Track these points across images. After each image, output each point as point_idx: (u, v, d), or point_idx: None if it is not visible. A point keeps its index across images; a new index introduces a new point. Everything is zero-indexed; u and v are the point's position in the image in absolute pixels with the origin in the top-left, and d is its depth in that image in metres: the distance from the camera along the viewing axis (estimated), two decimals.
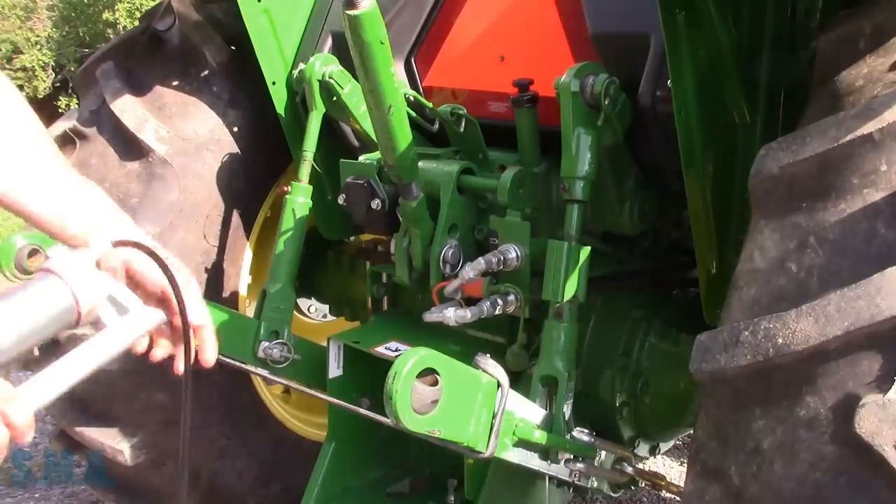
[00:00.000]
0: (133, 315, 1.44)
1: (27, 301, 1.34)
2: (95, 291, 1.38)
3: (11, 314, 1.32)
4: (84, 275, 1.37)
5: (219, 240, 2.94)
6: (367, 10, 1.78)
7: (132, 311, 1.44)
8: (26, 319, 1.32)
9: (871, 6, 1.59)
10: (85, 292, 1.36)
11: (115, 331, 1.41)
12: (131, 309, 1.44)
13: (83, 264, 1.39)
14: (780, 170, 1.43)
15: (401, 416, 1.71)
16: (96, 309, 1.39)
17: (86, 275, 1.38)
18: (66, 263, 1.37)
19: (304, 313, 3.83)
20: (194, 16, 3.01)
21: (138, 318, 1.44)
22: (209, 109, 2.94)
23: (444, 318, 2.23)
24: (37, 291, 1.35)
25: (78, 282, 1.36)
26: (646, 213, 2.41)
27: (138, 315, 1.44)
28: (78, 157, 2.87)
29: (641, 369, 2.53)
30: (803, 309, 1.28)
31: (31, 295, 1.34)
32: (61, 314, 1.35)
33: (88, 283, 1.37)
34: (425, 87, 2.76)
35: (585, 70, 2.11)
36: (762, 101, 2.07)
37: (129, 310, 1.43)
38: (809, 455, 1.24)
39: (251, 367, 2.59)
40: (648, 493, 3.88)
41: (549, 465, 2.12)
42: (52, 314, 1.34)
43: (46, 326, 1.34)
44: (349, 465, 2.73)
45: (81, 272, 1.37)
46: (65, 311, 1.35)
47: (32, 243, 2.17)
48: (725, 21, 1.92)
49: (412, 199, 2.28)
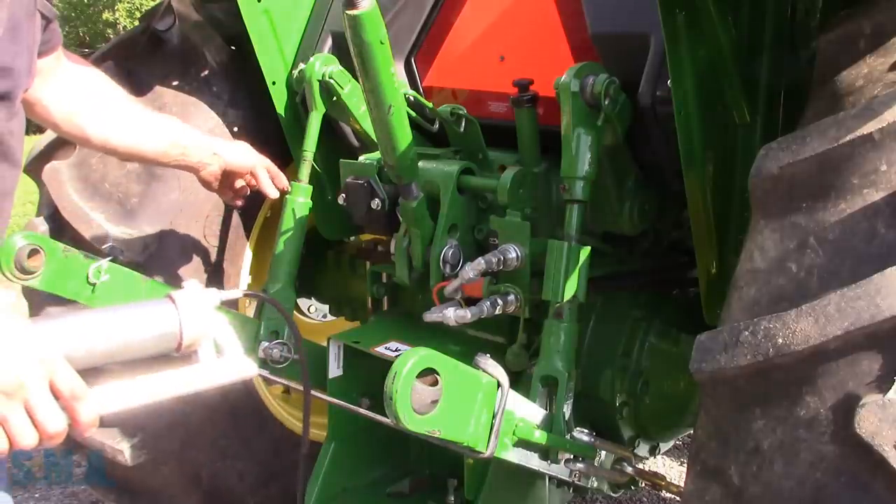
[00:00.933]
0: (228, 361, 1.50)
1: (136, 315, 1.42)
2: (202, 328, 1.46)
3: (117, 322, 1.40)
4: (198, 310, 1.45)
5: (219, 240, 2.94)
6: (367, 10, 1.78)
7: (229, 357, 1.50)
8: (129, 330, 1.40)
9: (871, 6, 1.59)
10: (191, 325, 1.44)
11: (206, 370, 1.48)
12: (229, 354, 1.50)
13: (202, 302, 1.47)
14: (780, 170, 1.43)
15: (401, 416, 1.71)
16: (197, 344, 1.46)
17: (199, 310, 1.46)
18: (187, 296, 1.46)
19: (304, 313, 3.83)
20: (194, 16, 3.01)
21: (232, 366, 1.51)
22: (209, 109, 2.94)
23: (444, 318, 2.23)
24: (148, 310, 1.44)
25: (189, 314, 1.44)
26: (646, 213, 2.41)
27: (234, 362, 1.51)
28: (78, 157, 2.87)
29: (641, 369, 2.53)
30: (803, 309, 1.28)
31: (142, 312, 1.44)
32: (163, 337, 1.43)
33: (198, 318, 1.45)
34: (425, 87, 2.76)
35: (585, 70, 2.11)
36: (762, 101, 2.07)
37: (227, 354, 1.50)
38: (809, 455, 1.24)
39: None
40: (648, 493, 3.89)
41: (549, 465, 2.12)
42: (154, 334, 1.42)
43: (146, 344, 1.42)
44: (349, 465, 2.73)
45: (197, 307, 1.45)
46: (167, 336, 1.43)
47: (32, 243, 2.17)
48: (725, 21, 1.91)
49: (412, 199, 2.28)
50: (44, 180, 2.85)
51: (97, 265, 2.29)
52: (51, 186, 2.80)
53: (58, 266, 2.22)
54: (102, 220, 2.74)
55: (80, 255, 2.28)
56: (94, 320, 1.41)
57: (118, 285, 2.34)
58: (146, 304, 1.46)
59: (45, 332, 1.30)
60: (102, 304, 2.32)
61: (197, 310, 1.44)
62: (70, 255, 2.25)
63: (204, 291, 1.49)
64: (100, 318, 1.42)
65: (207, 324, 1.46)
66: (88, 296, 2.29)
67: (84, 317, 1.43)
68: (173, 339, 1.43)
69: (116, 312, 1.43)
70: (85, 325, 1.38)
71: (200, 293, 1.48)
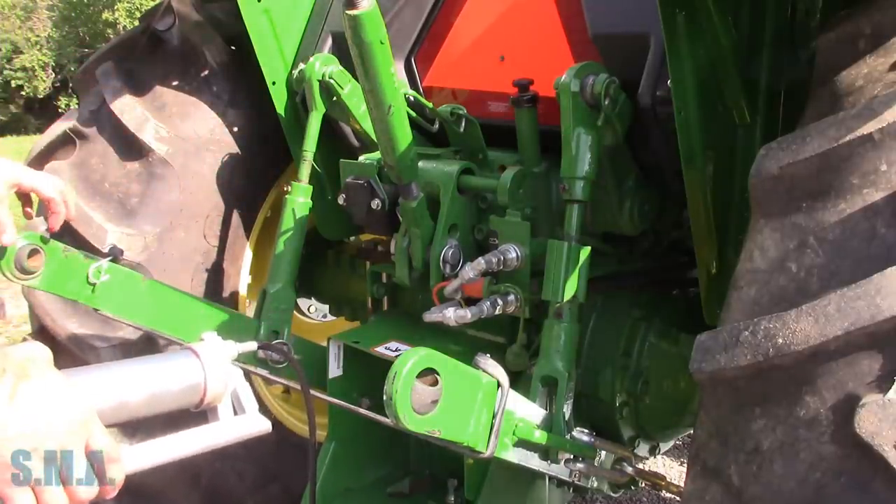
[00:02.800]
0: (246, 418, 1.52)
1: (162, 370, 1.43)
2: (225, 384, 1.48)
3: (145, 376, 1.41)
4: (221, 366, 1.47)
5: (219, 240, 2.95)
6: (367, 10, 1.78)
7: (247, 414, 1.52)
8: (156, 386, 1.40)
9: (871, 6, 1.59)
10: (215, 381, 1.46)
11: (225, 427, 1.50)
12: (247, 411, 1.52)
13: (224, 356, 1.48)
14: (780, 170, 1.43)
15: (401, 416, 1.71)
16: (218, 399, 1.48)
17: (222, 367, 1.47)
18: (211, 351, 1.47)
19: (304, 313, 3.83)
20: (194, 16, 3.01)
21: (248, 423, 1.52)
22: (209, 109, 2.95)
23: (444, 318, 2.23)
24: (174, 365, 1.44)
25: (213, 370, 1.45)
26: (646, 213, 2.41)
27: (250, 419, 1.52)
28: (78, 157, 2.88)
29: (641, 369, 2.53)
30: (803, 309, 1.28)
31: (168, 366, 1.44)
32: (187, 392, 1.44)
33: (222, 374, 1.46)
34: (425, 87, 2.76)
35: (585, 70, 2.11)
36: (762, 101, 2.07)
37: (245, 411, 1.52)
38: (809, 455, 1.24)
39: (251, 367, 2.59)
40: (648, 493, 3.89)
41: (549, 465, 2.12)
42: (179, 389, 1.43)
43: (171, 398, 1.43)
44: (349, 465, 2.73)
45: (220, 362, 1.47)
46: (191, 391, 1.44)
47: (32, 243, 2.17)
48: (725, 21, 1.92)
49: (412, 199, 2.28)
50: None
51: (97, 265, 2.29)
52: None
53: (58, 266, 2.22)
54: (102, 220, 2.75)
55: (80, 255, 2.28)
56: (124, 375, 1.40)
57: (118, 285, 2.34)
58: (171, 358, 1.45)
59: (81, 389, 1.27)
60: (102, 303, 2.33)
61: (219, 364, 1.45)
62: (70, 255, 2.26)
63: (223, 344, 1.49)
64: (128, 373, 1.41)
65: (229, 379, 1.47)
66: (88, 296, 2.29)
67: (114, 371, 1.41)
68: (196, 395, 1.44)
69: (144, 366, 1.42)
70: (115, 379, 1.37)
71: (221, 346, 1.48)
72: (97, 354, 2.72)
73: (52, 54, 15.02)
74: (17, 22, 14.83)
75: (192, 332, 2.51)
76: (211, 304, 2.64)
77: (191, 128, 2.90)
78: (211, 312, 2.59)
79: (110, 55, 3.05)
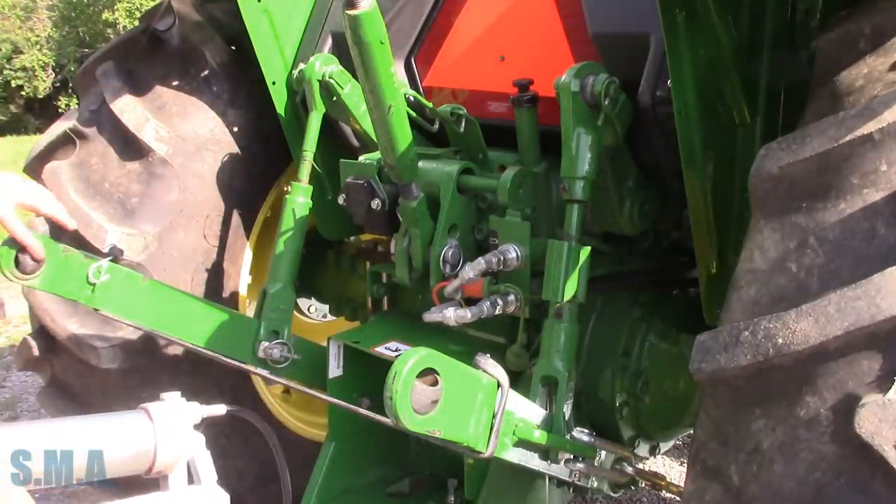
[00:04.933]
0: (201, 490, 1.39)
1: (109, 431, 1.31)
2: (178, 451, 1.35)
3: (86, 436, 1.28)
4: (177, 431, 1.34)
5: (219, 240, 2.94)
6: (367, 10, 1.79)
7: (202, 487, 1.39)
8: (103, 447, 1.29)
9: (871, 6, 1.59)
10: (167, 448, 1.33)
11: (174, 500, 1.37)
12: (203, 483, 1.39)
13: (182, 420, 1.36)
14: (780, 170, 1.43)
15: (401, 416, 1.71)
16: (170, 469, 1.36)
17: (179, 432, 1.34)
18: (167, 413, 1.33)
19: (304, 313, 3.83)
20: (194, 16, 3.01)
21: (202, 496, 1.40)
22: (209, 109, 2.95)
23: (444, 318, 2.23)
24: (123, 426, 1.32)
25: (166, 435, 1.33)
26: (646, 213, 2.41)
27: (205, 492, 1.40)
28: (78, 157, 2.88)
29: (641, 369, 2.53)
30: (803, 309, 1.28)
31: (116, 427, 1.32)
32: (135, 458, 1.33)
33: (176, 440, 1.34)
34: (425, 87, 2.76)
35: (585, 70, 2.11)
36: (762, 101, 2.07)
37: (201, 483, 1.39)
38: (809, 455, 1.24)
39: (251, 367, 2.59)
40: (648, 493, 3.88)
41: (549, 465, 2.12)
42: (127, 454, 1.32)
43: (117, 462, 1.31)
44: (349, 465, 2.73)
45: (176, 427, 1.34)
46: (139, 457, 1.33)
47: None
48: (725, 21, 1.92)
49: (412, 199, 2.29)
50: (44, 180, 2.86)
51: (97, 265, 2.29)
52: (51, 186, 2.80)
53: (58, 266, 2.22)
54: (102, 220, 2.75)
55: (80, 255, 2.28)
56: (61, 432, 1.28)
57: (118, 285, 2.34)
58: (122, 416, 1.33)
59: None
60: (102, 303, 2.32)
61: (174, 429, 1.32)
62: (70, 255, 2.26)
63: (184, 406, 1.36)
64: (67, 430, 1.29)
65: (185, 446, 1.34)
66: (88, 296, 2.29)
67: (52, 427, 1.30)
68: (145, 462, 1.31)
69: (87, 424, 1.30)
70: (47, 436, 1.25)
71: (180, 408, 1.35)
72: (97, 354, 2.72)
73: (52, 54, 15.03)
74: (17, 22, 14.84)
75: (193, 332, 2.51)
76: (211, 304, 2.64)
77: (191, 128, 2.90)
78: (211, 312, 2.59)
79: (110, 55, 3.05)
